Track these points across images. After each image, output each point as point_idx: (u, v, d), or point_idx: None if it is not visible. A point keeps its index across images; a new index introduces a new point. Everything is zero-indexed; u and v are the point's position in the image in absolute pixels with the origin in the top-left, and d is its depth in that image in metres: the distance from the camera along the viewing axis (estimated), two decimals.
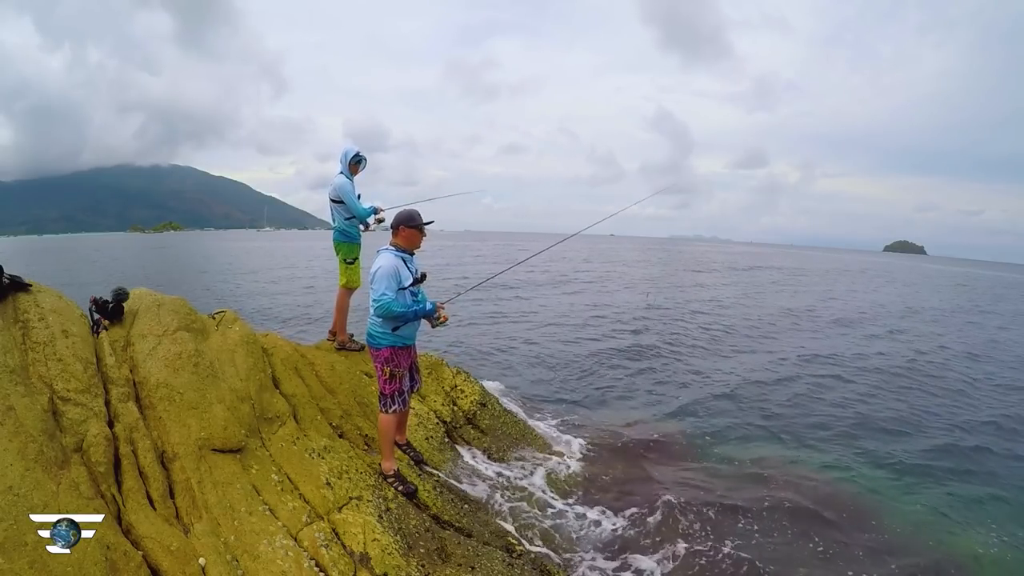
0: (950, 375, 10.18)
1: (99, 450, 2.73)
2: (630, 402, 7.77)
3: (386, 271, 3.37)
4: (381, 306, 3.35)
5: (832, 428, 6.99)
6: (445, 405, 5.20)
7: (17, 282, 3.25)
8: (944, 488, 5.48)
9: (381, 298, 3.34)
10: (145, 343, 3.51)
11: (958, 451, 6.42)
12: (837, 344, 12.60)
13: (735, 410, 7.54)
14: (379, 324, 3.49)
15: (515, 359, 10.00)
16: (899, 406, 8.03)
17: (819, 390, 8.68)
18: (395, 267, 3.40)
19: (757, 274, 36.79)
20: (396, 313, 3.38)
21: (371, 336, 3.55)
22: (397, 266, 3.42)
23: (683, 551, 4.14)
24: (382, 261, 3.43)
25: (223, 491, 2.98)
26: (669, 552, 4.12)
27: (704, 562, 4.05)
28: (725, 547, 4.21)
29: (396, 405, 3.61)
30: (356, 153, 4.77)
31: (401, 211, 3.64)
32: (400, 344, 3.56)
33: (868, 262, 79.81)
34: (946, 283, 40.62)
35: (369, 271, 3.52)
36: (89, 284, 17.57)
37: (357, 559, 2.92)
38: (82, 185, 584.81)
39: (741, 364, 10.25)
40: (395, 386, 3.58)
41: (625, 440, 6.15)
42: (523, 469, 4.95)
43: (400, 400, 3.64)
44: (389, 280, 3.36)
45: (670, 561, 4.04)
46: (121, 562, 2.34)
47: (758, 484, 5.32)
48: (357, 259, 5.02)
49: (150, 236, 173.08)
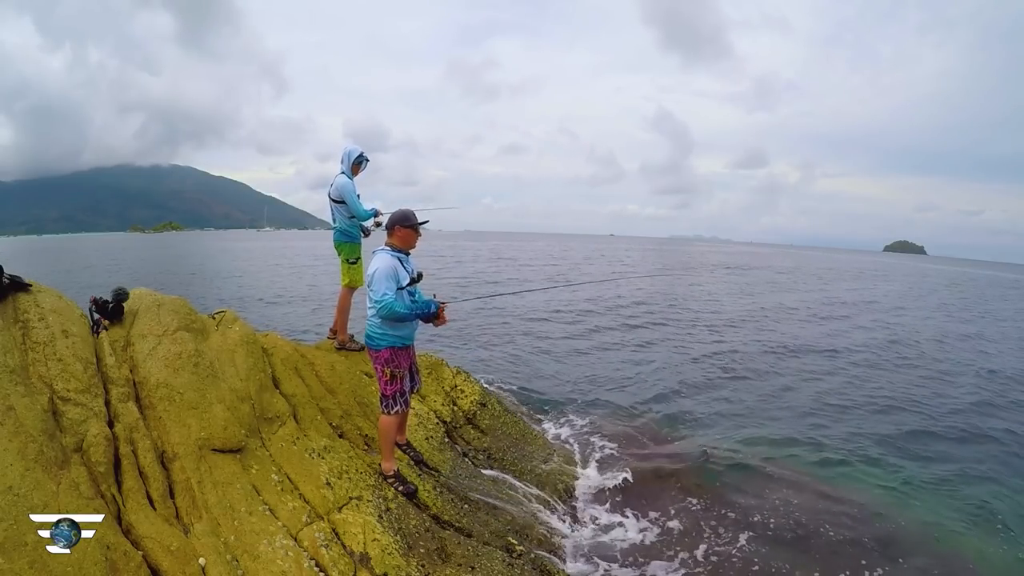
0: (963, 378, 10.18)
1: (99, 450, 2.73)
2: (631, 402, 7.76)
3: (385, 272, 3.36)
4: (383, 307, 3.33)
5: (836, 427, 7.00)
6: (445, 405, 5.20)
7: (17, 282, 3.25)
8: (956, 487, 5.48)
9: (383, 299, 3.33)
10: (145, 343, 3.51)
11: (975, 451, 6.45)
12: (841, 341, 12.62)
13: (736, 410, 7.54)
14: (377, 325, 3.49)
15: (515, 358, 10.00)
16: (906, 402, 8.04)
17: (827, 389, 8.70)
18: (393, 267, 3.40)
19: (761, 274, 36.81)
20: (399, 314, 3.36)
21: (370, 337, 3.54)
22: (395, 266, 3.42)
23: (685, 550, 4.14)
24: (380, 262, 3.42)
25: (223, 491, 2.97)
26: (670, 552, 4.13)
27: (705, 562, 4.05)
28: (726, 547, 4.21)
29: (398, 406, 3.61)
30: (360, 153, 4.78)
31: (396, 211, 3.63)
32: (399, 344, 3.55)
33: (867, 262, 79.76)
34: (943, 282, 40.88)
35: (368, 271, 3.51)
36: (92, 286, 17.58)
37: (357, 559, 2.92)
38: (82, 185, 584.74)
39: (742, 364, 10.26)
40: (396, 387, 3.58)
41: (626, 440, 6.15)
42: (523, 469, 4.95)
43: (402, 401, 3.63)
44: (388, 281, 3.35)
45: (670, 561, 4.04)
46: (121, 562, 2.34)
47: (758, 484, 5.31)
48: (359, 258, 5.02)
49: (150, 236, 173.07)
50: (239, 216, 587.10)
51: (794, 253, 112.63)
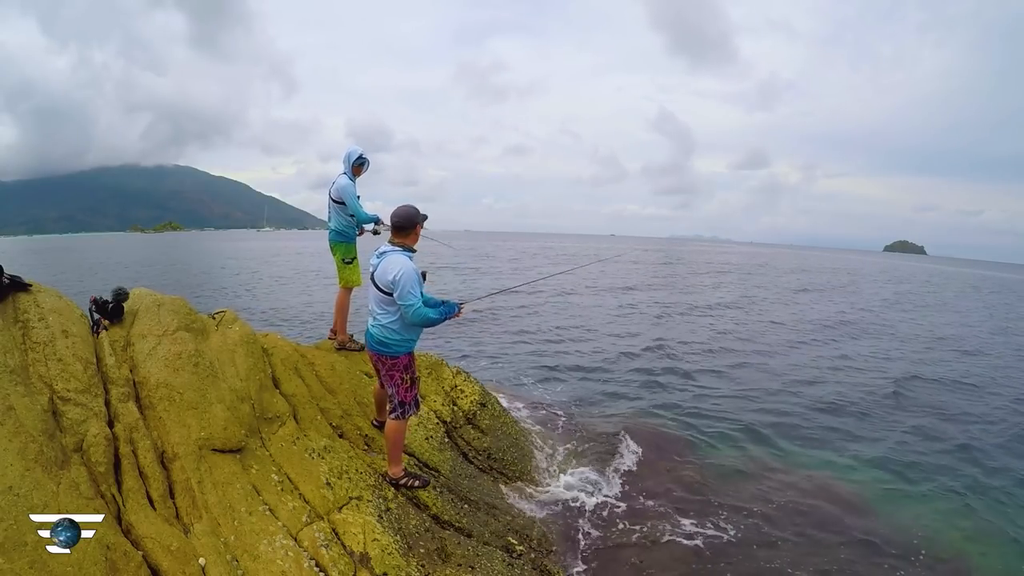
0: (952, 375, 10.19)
1: (99, 450, 2.73)
2: (632, 401, 7.77)
3: (413, 277, 3.17)
4: (415, 313, 3.16)
5: (838, 426, 7.01)
6: (445, 405, 5.20)
7: (17, 282, 3.25)
8: (949, 485, 5.50)
9: (414, 305, 3.16)
10: (145, 343, 3.51)
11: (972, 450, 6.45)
12: (838, 346, 12.63)
13: (736, 409, 7.54)
14: (397, 331, 3.33)
15: (516, 358, 10.00)
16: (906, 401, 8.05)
17: (825, 389, 8.70)
18: (417, 271, 3.23)
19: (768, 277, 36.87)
20: (431, 320, 3.23)
21: (385, 344, 3.37)
22: (417, 269, 3.25)
23: (685, 552, 4.14)
24: (402, 265, 3.18)
25: (223, 491, 2.97)
26: (670, 553, 4.12)
27: (706, 561, 4.05)
28: (726, 547, 4.21)
29: (413, 410, 3.57)
30: (360, 155, 4.78)
31: (407, 209, 3.35)
32: (414, 349, 3.52)
33: (867, 263, 79.77)
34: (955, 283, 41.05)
35: (382, 274, 3.25)
36: (92, 287, 17.58)
37: (357, 559, 2.92)
38: (82, 185, 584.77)
39: (744, 361, 10.26)
40: (416, 391, 3.56)
41: (627, 439, 6.15)
42: (523, 469, 4.95)
43: (415, 404, 3.60)
44: (417, 286, 3.19)
45: (672, 562, 4.04)
46: (121, 562, 2.34)
47: (759, 483, 5.31)
48: (355, 258, 5.02)
49: (150, 236, 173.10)
50: (239, 216, 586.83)
51: (795, 253, 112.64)
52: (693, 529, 4.44)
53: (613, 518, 4.52)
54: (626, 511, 4.64)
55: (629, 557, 4.05)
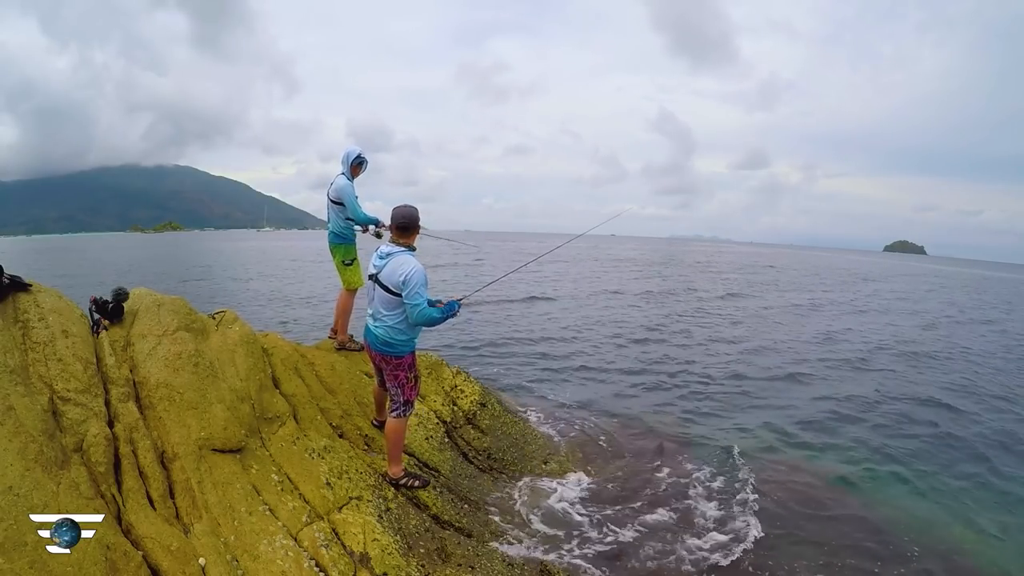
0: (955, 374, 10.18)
1: (99, 450, 2.73)
2: (633, 401, 7.76)
3: (421, 278, 3.22)
4: (420, 313, 3.22)
5: (839, 425, 7.01)
6: (445, 405, 5.20)
7: (17, 282, 3.25)
8: (945, 479, 5.50)
9: (420, 305, 3.21)
10: (145, 343, 3.51)
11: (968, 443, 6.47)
12: (838, 340, 12.62)
13: (737, 408, 7.54)
14: (402, 331, 3.39)
15: (516, 358, 9.99)
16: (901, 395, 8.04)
17: (831, 385, 8.70)
18: (425, 272, 3.28)
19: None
20: (435, 320, 3.28)
21: (390, 344, 3.41)
22: (424, 270, 3.30)
23: (686, 551, 4.14)
24: (411, 265, 3.24)
25: (223, 491, 2.98)
26: (672, 552, 4.12)
27: (707, 560, 4.05)
28: (727, 546, 4.21)
29: (412, 408, 3.67)
30: (358, 155, 4.77)
31: (408, 209, 3.42)
32: (416, 348, 3.59)
33: (867, 263, 79.74)
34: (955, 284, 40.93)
35: (389, 274, 3.29)
36: (93, 287, 17.58)
37: (357, 559, 2.92)
38: (83, 185, 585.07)
39: (744, 362, 10.26)
40: (418, 389, 3.65)
41: (627, 438, 6.15)
42: (523, 469, 4.95)
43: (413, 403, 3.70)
44: (424, 287, 3.24)
45: (673, 561, 4.03)
46: (121, 562, 2.34)
47: (759, 483, 5.31)
48: (355, 259, 5.01)
49: (151, 236, 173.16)
50: (239, 216, 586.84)
51: (795, 253, 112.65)
52: (697, 529, 4.44)
53: (614, 518, 4.52)
54: (626, 511, 4.64)
55: (630, 557, 4.04)
